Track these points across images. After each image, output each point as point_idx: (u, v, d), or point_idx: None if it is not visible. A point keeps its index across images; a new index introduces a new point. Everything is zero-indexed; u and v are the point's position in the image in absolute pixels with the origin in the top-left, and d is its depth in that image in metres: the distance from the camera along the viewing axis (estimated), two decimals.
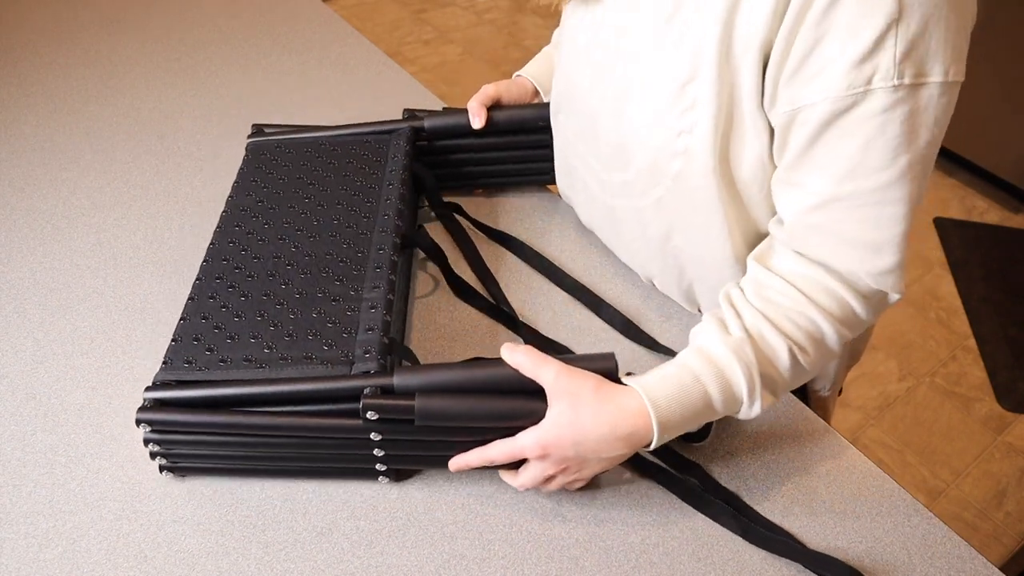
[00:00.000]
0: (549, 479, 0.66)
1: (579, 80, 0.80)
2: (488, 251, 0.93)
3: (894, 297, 0.67)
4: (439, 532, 0.67)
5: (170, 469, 0.69)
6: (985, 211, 2.47)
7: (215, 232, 0.80)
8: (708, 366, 0.64)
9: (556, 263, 0.91)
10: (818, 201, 0.63)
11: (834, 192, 0.62)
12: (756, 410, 0.65)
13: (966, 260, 2.29)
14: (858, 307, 0.66)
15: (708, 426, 0.74)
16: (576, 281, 0.89)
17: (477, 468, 0.67)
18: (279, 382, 0.64)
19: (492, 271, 0.90)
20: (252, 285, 0.74)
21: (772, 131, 0.66)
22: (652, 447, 0.63)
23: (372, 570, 0.64)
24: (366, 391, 0.63)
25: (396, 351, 0.72)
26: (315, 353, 0.67)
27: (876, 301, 0.67)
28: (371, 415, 0.62)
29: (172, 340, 0.69)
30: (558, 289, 0.89)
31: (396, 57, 3.05)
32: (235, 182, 0.87)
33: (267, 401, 0.65)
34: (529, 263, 0.92)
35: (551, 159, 0.95)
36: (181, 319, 0.71)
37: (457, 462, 0.66)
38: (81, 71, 1.22)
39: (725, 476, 0.72)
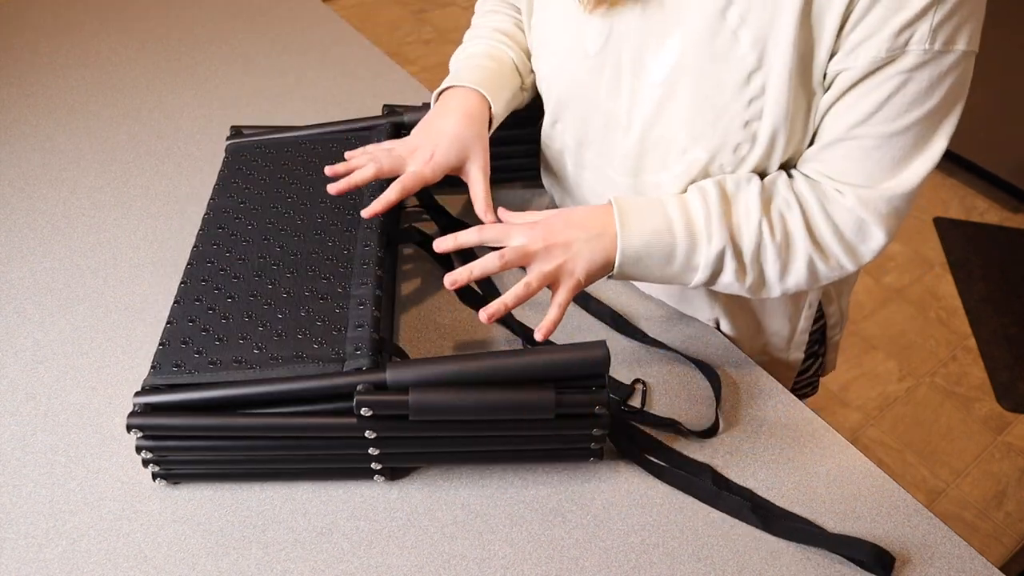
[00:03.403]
0: (530, 255, 0.69)
1: (590, 87, 0.78)
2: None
3: (877, 235, 0.69)
4: (439, 532, 0.67)
5: (163, 476, 0.69)
6: (985, 211, 2.47)
7: (198, 235, 0.80)
8: (671, 195, 0.73)
9: None
10: (825, 142, 0.69)
11: (842, 135, 0.67)
12: (716, 244, 0.69)
13: (966, 260, 2.29)
14: (825, 228, 0.70)
15: (716, 424, 0.74)
16: None
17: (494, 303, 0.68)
18: (271, 382, 0.64)
19: None
20: (238, 286, 0.74)
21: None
22: (618, 231, 0.70)
23: (372, 570, 0.64)
24: (359, 387, 0.62)
25: (387, 349, 0.71)
26: (305, 351, 0.67)
27: (851, 233, 0.70)
28: (364, 411, 0.62)
29: (159, 344, 0.68)
30: None
31: (396, 57, 3.05)
32: (216, 184, 0.86)
33: (260, 402, 0.64)
34: None
35: (535, 154, 0.94)
36: (168, 323, 0.70)
37: (456, 277, 0.70)
38: (81, 71, 1.22)
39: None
